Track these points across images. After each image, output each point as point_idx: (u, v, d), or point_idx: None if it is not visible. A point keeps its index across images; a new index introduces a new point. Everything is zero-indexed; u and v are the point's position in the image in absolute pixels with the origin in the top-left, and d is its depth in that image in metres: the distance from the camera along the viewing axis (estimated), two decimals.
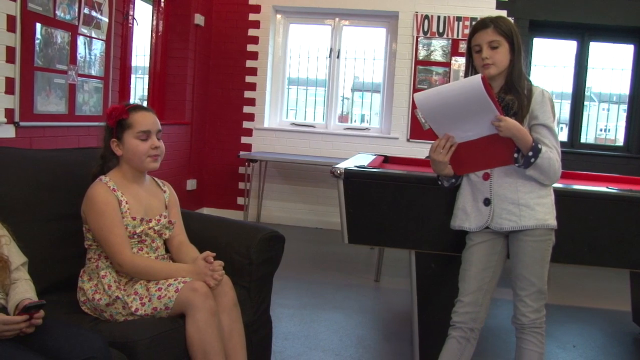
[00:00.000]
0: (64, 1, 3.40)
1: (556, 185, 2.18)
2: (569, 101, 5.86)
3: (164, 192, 2.23)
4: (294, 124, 6.21)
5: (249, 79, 6.01)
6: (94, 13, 3.71)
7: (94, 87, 3.80)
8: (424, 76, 5.62)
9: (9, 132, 3.10)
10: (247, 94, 6.04)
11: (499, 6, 5.48)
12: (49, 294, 2.01)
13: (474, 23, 2.17)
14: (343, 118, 6.33)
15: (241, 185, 6.03)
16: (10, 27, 3.04)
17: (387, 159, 3.63)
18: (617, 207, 2.37)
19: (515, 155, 2.02)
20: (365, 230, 2.48)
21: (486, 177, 2.11)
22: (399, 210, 2.42)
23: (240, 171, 6.02)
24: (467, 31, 5.40)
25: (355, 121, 6.35)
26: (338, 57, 6.06)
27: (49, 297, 1.99)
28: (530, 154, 1.98)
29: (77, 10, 3.54)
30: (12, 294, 1.68)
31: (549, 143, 2.04)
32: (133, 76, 5.68)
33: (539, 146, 1.99)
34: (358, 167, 2.52)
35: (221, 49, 6.00)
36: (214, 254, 2.01)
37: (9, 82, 3.06)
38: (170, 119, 5.38)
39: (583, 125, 5.87)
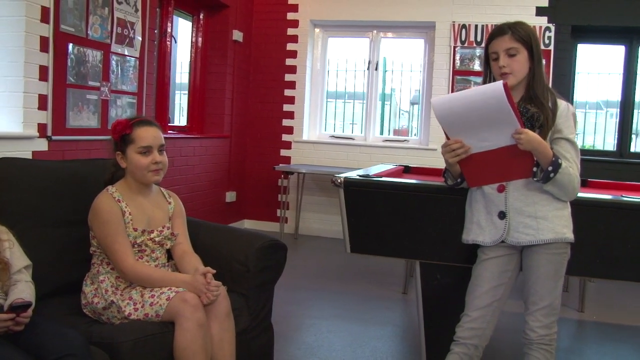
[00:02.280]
0: (96, 22, 3.61)
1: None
2: (616, 109, 5.62)
3: (169, 203, 2.31)
4: (332, 136, 6.26)
5: (287, 92, 6.12)
6: (126, 32, 3.91)
7: (127, 102, 3.99)
8: (462, 86, 5.54)
9: (42, 145, 3.30)
10: (286, 107, 6.14)
11: (539, 12, 5.34)
12: (54, 297, 2.14)
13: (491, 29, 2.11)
14: (402, 132, 6.30)
15: (280, 197, 6.12)
16: (44, 48, 3.26)
17: (408, 169, 3.61)
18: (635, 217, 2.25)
19: (534, 169, 1.95)
20: (366, 239, 2.48)
21: (501, 189, 2.04)
22: (400, 220, 2.40)
23: (279, 184, 6.12)
24: None
25: (408, 133, 6.33)
26: (376, 69, 6.07)
27: (54, 300, 2.13)
28: (550, 168, 1.91)
29: (109, 29, 3.74)
30: (10, 295, 1.80)
31: (570, 157, 1.97)
32: (178, 92, 5.94)
33: (560, 161, 1.91)
34: (360, 176, 2.52)
35: (260, 64, 6.14)
36: (214, 272, 2.06)
37: (42, 98, 3.28)
38: (209, 132, 5.55)
39: (632, 133, 5.60)
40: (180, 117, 5.82)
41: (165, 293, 1.97)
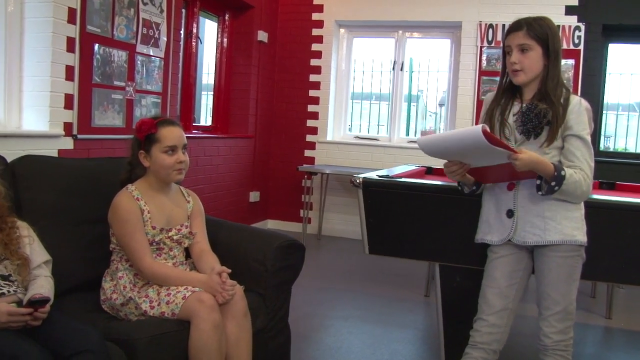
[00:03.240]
0: (122, 22, 3.67)
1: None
2: None
3: (188, 202, 2.32)
4: (357, 137, 6.24)
5: (312, 93, 6.12)
6: (151, 32, 3.96)
7: (152, 102, 4.04)
8: (489, 87, 5.47)
9: (68, 144, 3.36)
10: (311, 108, 6.14)
11: (569, 11, 5.24)
12: (75, 293, 2.18)
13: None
14: (429, 133, 6.26)
15: (303, 198, 6.13)
16: (70, 48, 3.32)
17: (430, 170, 3.57)
18: None
19: (538, 182, 1.92)
20: (385, 241, 2.46)
21: (510, 187, 2.01)
22: (419, 221, 2.38)
23: (303, 184, 6.12)
24: None
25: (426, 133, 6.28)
26: (402, 69, 6.03)
27: (74, 296, 2.17)
28: (553, 183, 1.88)
29: (135, 30, 3.79)
30: (30, 289, 1.83)
31: (581, 156, 1.92)
32: (205, 93, 6.00)
33: (562, 172, 1.87)
34: (380, 176, 2.50)
35: (285, 64, 6.16)
36: (230, 271, 2.07)
37: (68, 98, 3.34)
38: (234, 133, 5.59)
39: None
40: (206, 117, 5.88)
41: (182, 292, 1.98)
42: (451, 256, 2.37)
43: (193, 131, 5.08)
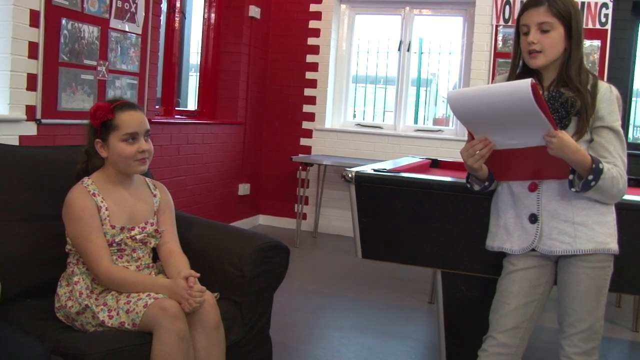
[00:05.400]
0: None
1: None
2: None
3: (155, 196, 2.23)
4: (359, 124, 6.14)
5: (309, 75, 6.02)
6: (127, 6, 3.85)
7: (127, 83, 3.94)
8: (504, 70, 5.33)
9: (31, 129, 3.28)
10: (307, 92, 6.04)
11: None
12: (26, 298, 2.10)
13: None
14: (439, 121, 6.17)
15: (298, 191, 6.03)
16: (34, 23, 3.22)
17: (436, 163, 3.47)
18: None
19: (571, 176, 1.80)
20: (380, 244, 2.38)
21: (533, 187, 1.90)
22: (419, 222, 2.29)
23: (298, 176, 6.02)
24: None
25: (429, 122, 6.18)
26: (409, 50, 5.92)
27: (26, 302, 2.08)
28: (591, 177, 1.75)
29: (108, 3, 3.69)
30: None
31: (614, 150, 1.83)
32: (192, 74, 5.89)
33: (601, 166, 1.76)
34: (375, 170, 2.41)
35: (279, 43, 6.05)
36: (198, 275, 1.98)
37: (31, 78, 3.25)
38: (221, 118, 5.50)
39: None
40: (195, 101, 5.77)
41: (143, 299, 1.89)
42: (455, 262, 2.29)
43: (176, 116, 4.98)
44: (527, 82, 1.62)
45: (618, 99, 1.89)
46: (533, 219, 1.90)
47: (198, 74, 5.56)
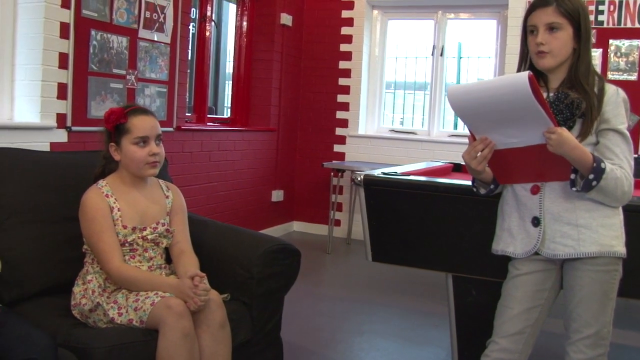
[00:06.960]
0: (122, 6, 3.71)
1: None
2: None
3: (167, 197, 2.32)
4: (392, 130, 6.15)
5: (342, 81, 6.07)
6: (155, 16, 3.99)
7: (156, 91, 4.08)
8: None
9: (62, 136, 3.43)
10: (340, 98, 6.09)
11: None
12: (45, 296, 2.21)
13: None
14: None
15: (331, 198, 6.07)
16: (64, 34, 3.38)
17: (458, 168, 3.46)
18: None
19: (572, 176, 1.79)
20: (391, 247, 2.40)
21: (535, 190, 1.89)
22: (429, 226, 2.30)
23: (332, 182, 6.06)
24: (592, 17, 4.99)
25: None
26: (442, 54, 5.90)
27: (45, 300, 2.19)
28: (592, 176, 1.74)
29: (136, 14, 3.83)
30: None
31: (620, 152, 1.81)
32: (229, 82, 6.02)
33: (602, 165, 1.74)
34: (385, 173, 2.44)
35: (312, 50, 6.13)
36: (204, 275, 2.05)
37: (61, 87, 3.40)
38: (254, 125, 5.60)
39: None
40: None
41: (150, 298, 1.98)
42: (466, 266, 2.29)
43: (208, 123, 5.11)
44: (524, 75, 1.63)
45: (625, 102, 1.87)
46: (536, 222, 1.89)
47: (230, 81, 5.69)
